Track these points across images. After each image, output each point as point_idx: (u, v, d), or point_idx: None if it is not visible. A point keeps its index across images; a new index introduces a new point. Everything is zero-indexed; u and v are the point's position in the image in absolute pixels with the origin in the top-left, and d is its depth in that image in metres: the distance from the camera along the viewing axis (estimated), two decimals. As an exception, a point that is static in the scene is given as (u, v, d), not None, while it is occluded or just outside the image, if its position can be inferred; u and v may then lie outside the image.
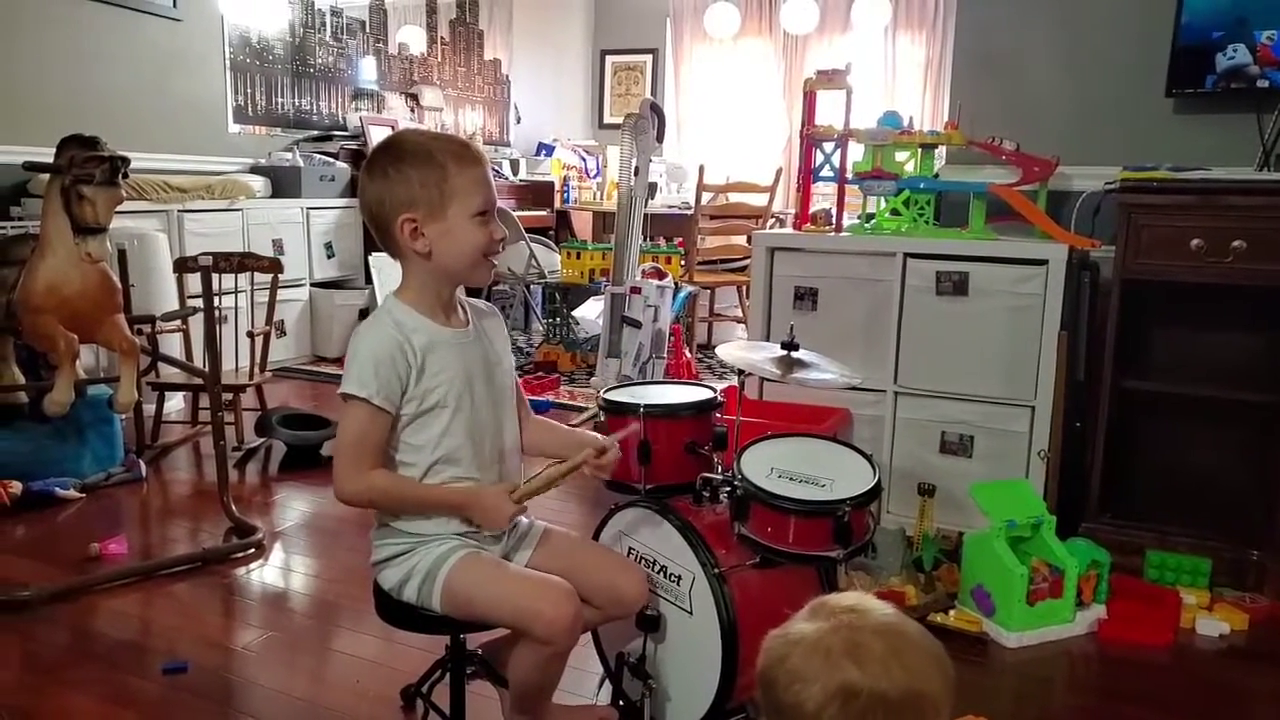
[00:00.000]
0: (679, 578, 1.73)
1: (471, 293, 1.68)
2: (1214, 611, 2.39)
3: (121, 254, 3.22)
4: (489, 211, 1.51)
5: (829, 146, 3.07)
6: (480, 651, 1.74)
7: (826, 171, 3.09)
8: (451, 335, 1.56)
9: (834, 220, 3.09)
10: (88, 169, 2.66)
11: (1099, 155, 2.98)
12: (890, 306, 2.84)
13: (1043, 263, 2.66)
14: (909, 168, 2.94)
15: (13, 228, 3.67)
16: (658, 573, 1.77)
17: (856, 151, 3.02)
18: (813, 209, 3.12)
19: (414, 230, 1.49)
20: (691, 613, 1.71)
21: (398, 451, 1.53)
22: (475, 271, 1.54)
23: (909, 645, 0.98)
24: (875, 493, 1.74)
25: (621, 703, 1.77)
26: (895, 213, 2.97)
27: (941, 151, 3.08)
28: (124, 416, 3.36)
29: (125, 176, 2.76)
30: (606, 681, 1.91)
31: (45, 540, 2.80)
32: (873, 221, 3.02)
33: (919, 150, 2.92)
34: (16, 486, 2.97)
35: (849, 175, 3.04)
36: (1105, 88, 3.07)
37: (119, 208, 2.78)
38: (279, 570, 2.65)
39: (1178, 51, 2.84)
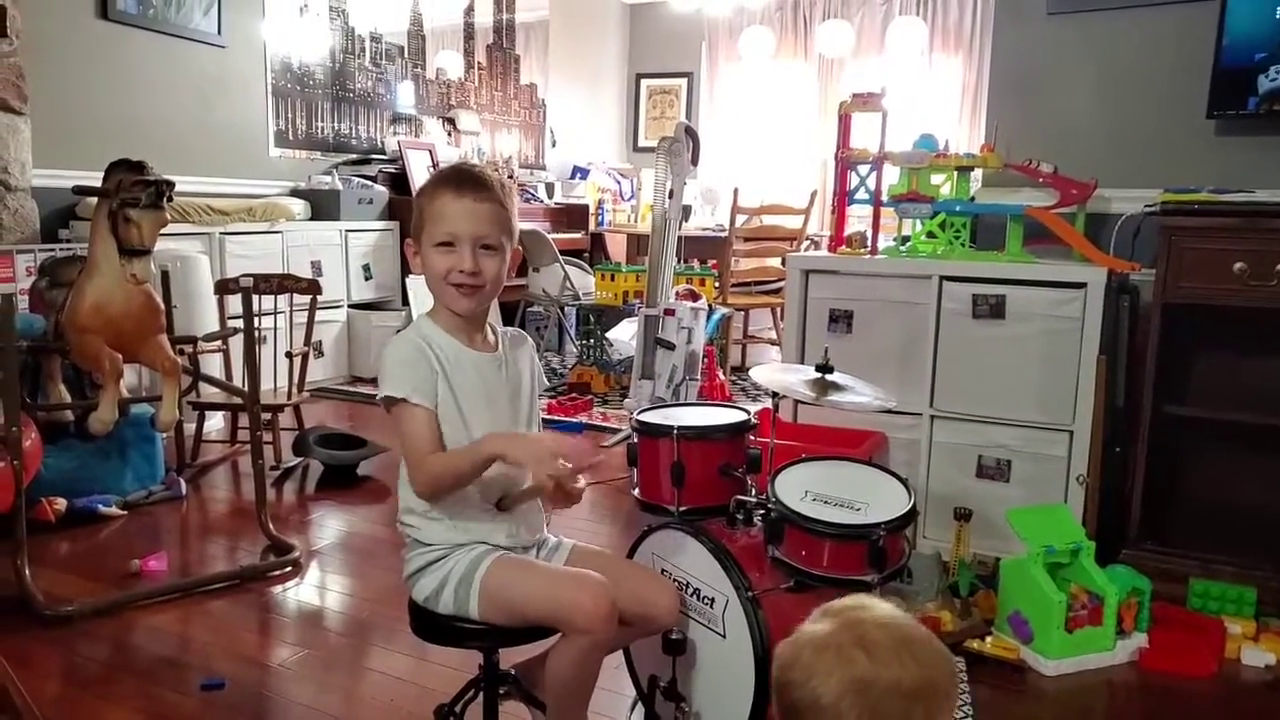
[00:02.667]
0: (712, 600, 1.73)
1: (506, 319, 1.71)
2: (1260, 642, 2.34)
3: (165, 275, 3.28)
4: (454, 242, 1.53)
5: (864, 169, 3.07)
6: (513, 671, 1.75)
7: (862, 194, 3.09)
8: (476, 356, 1.60)
9: (869, 243, 3.08)
10: (134, 193, 2.72)
11: (1139, 178, 2.95)
12: (926, 329, 2.82)
13: (1081, 285, 2.64)
14: (945, 190, 2.93)
15: (61, 250, 3.76)
16: (691, 595, 1.77)
17: (892, 174, 3.02)
18: (848, 231, 3.11)
19: (414, 254, 1.59)
20: (725, 636, 1.71)
21: None
22: (443, 297, 1.58)
23: (915, 636, 1.01)
24: (910, 517, 1.73)
25: (654, 726, 1.77)
26: (931, 235, 2.96)
27: (978, 174, 3.07)
28: (165, 435, 3.41)
29: (170, 200, 2.82)
30: (639, 705, 1.90)
31: (88, 556, 2.84)
32: (908, 244, 3.01)
33: (955, 173, 2.91)
34: (61, 503, 3.02)
35: (884, 198, 3.04)
36: (1145, 110, 3.04)
37: (163, 230, 2.84)
38: (315, 589, 2.67)
39: (1219, 73, 2.81)
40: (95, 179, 2.80)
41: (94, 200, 2.81)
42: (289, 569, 2.74)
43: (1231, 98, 2.81)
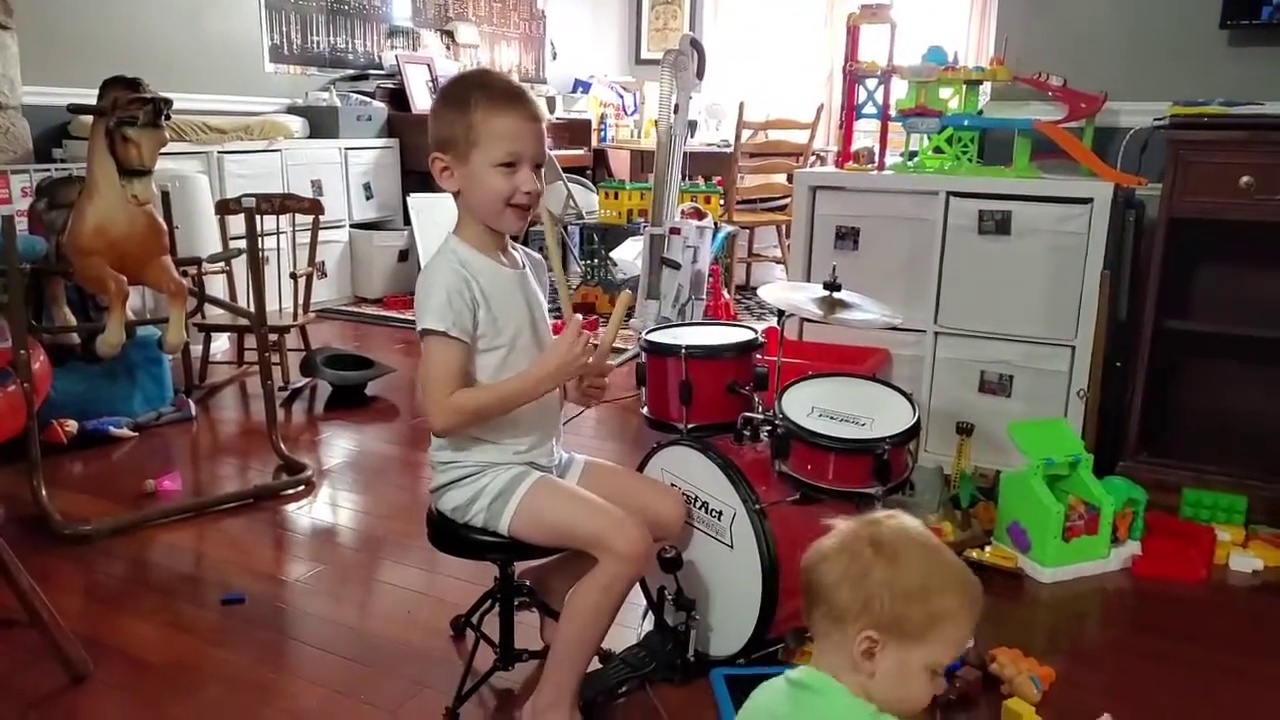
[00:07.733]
0: (720, 513, 1.77)
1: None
2: (1248, 548, 2.40)
3: (165, 196, 3.26)
4: (516, 163, 1.50)
5: (872, 83, 3.02)
6: (529, 582, 1.79)
7: (869, 109, 3.05)
8: (512, 274, 1.61)
9: (876, 158, 3.05)
10: (131, 111, 2.68)
11: (1149, 90, 2.91)
12: (932, 246, 2.82)
13: (1087, 201, 2.62)
14: (953, 104, 2.89)
15: (56, 169, 3.72)
16: (699, 508, 1.81)
17: (900, 88, 2.98)
18: (855, 147, 3.09)
19: (444, 170, 1.53)
20: (733, 547, 1.75)
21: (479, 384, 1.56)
22: (499, 219, 1.55)
23: (931, 545, 1.14)
24: (914, 431, 1.76)
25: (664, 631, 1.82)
26: (938, 150, 2.94)
27: (986, 88, 3.03)
28: (172, 357, 3.43)
29: (168, 118, 2.78)
30: (651, 613, 1.96)
31: (102, 477, 2.89)
32: (915, 159, 2.99)
33: (964, 87, 2.87)
34: (72, 425, 3.06)
35: (892, 112, 3.00)
36: (1156, 20, 2.98)
37: (162, 150, 2.81)
38: (328, 506, 2.72)
39: (1233, -19, 2.76)
40: (86, 96, 2.75)
41: (89, 119, 2.77)
42: (302, 488, 2.79)
43: (1245, 7, 2.76)
